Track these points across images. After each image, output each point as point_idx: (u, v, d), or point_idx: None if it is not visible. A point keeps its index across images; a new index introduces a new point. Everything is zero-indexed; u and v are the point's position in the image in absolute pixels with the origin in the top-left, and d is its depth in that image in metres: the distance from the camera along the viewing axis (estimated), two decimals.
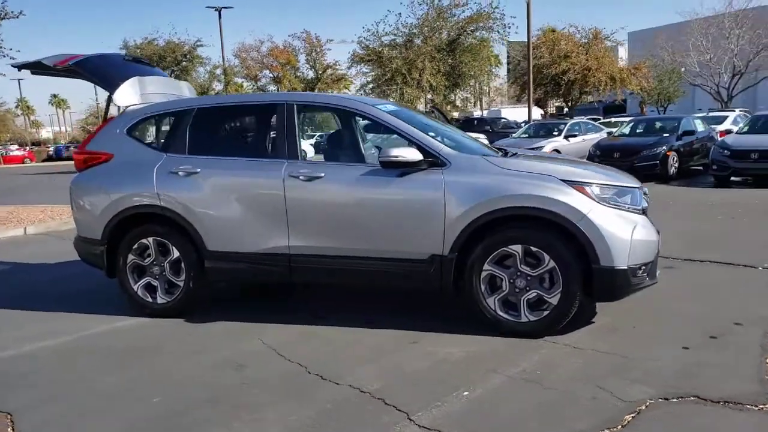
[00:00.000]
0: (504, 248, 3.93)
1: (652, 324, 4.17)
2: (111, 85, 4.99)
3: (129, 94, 5.01)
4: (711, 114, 19.28)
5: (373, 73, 17.80)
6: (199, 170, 4.51)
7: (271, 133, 4.71)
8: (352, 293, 5.22)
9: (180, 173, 4.55)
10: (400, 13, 28.74)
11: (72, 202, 4.99)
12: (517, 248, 3.91)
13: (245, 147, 5.06)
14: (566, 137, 16.85)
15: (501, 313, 4.00)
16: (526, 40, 20.20)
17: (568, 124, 17.98)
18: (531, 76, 19.97)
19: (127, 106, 5.00)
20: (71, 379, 3.65)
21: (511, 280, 3.96)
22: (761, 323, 4.09)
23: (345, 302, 5.05)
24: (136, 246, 4.70)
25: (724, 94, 32.89)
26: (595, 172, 4.16)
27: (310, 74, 37.63)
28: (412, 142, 4.17)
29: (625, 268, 3.80)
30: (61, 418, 3.14)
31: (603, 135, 17.74)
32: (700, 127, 15.38)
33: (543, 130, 18.62)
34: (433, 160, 4.07)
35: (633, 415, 2.92)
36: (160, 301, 4.70)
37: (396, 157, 4.01)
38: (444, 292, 4.16)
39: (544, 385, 3.29)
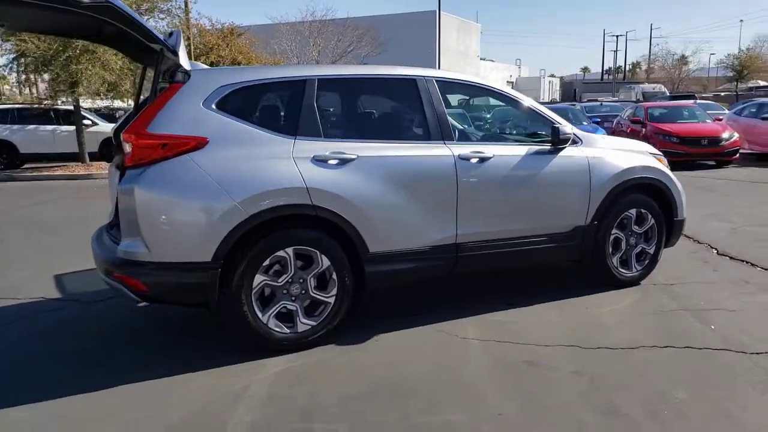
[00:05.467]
0: (626, 213, 4.65)
1: (672, 260, 5.41)
2: (153, 37, 3.44)
3: (185, 54, 3.54)
4: None
5: (20, 48, 14.09)
6: (355, 156, 3.65)
7: (407, 110, 4.11)
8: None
9: (331, 161, 3.58)
10: None
11: (141, 212, 3.23)
12: (632, 212, 4.69)
13: (389, 127, 4.17)
14: None
15: (620, 269, 4.72)
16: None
17: None
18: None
19: (189, 71, 3.53)
20: None
21: (626, 239, 4.71)
22: (722, 243, 5.98)
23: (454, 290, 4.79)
24: (267, 262, 3.46)
25: None
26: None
27: None
28: (553, 121, 4.41)
29: (685, 218, 5.03)
30: None
31: None
32: None
33: None
34: (573, 138, 4.44)
35: None
36: (302, 328, 3.60)
37: (570, 134, 4.25)
38: (580, 261, 4.60)
39: (734, 309, 4.23)
